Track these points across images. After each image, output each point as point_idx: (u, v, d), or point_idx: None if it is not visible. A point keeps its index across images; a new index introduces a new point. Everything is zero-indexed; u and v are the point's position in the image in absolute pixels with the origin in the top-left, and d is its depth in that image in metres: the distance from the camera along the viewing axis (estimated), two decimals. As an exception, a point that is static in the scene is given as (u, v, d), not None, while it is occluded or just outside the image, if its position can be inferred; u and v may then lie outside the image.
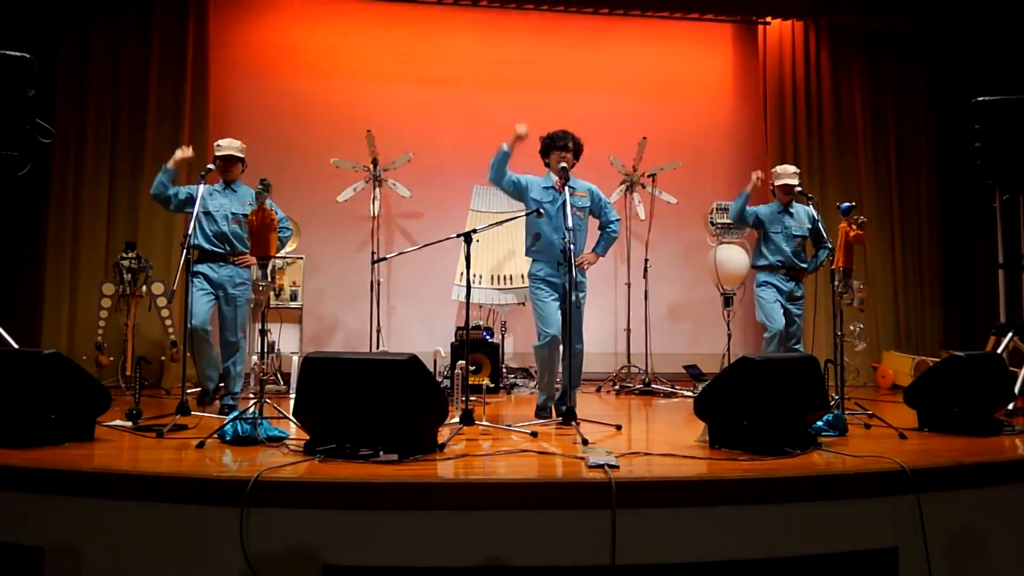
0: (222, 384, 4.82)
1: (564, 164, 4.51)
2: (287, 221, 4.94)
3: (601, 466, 2.99)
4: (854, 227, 4.53)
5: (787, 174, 5.23)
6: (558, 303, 4.55)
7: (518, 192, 4.67)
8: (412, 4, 7.31)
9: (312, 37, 7.27)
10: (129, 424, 4.04)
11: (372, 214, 6.58)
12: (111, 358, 5.90)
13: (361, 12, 7.35)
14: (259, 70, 7.15)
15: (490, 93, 7.42)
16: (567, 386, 4.43)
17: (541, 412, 4.58)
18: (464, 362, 4.39)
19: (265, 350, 4.25)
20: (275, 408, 4.07)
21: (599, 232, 4.81)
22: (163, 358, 6.17)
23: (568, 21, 7.52)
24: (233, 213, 4.77)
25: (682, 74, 7.73)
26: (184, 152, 4.72)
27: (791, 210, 5.26)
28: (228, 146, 4.80)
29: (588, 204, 4.70)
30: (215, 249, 4.72)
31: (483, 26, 7.48)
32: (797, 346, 5.24)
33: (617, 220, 4.83)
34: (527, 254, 4.74)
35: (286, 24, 7.25)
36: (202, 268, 4.68)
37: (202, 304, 4.59)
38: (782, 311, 5.16)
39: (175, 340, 5.97)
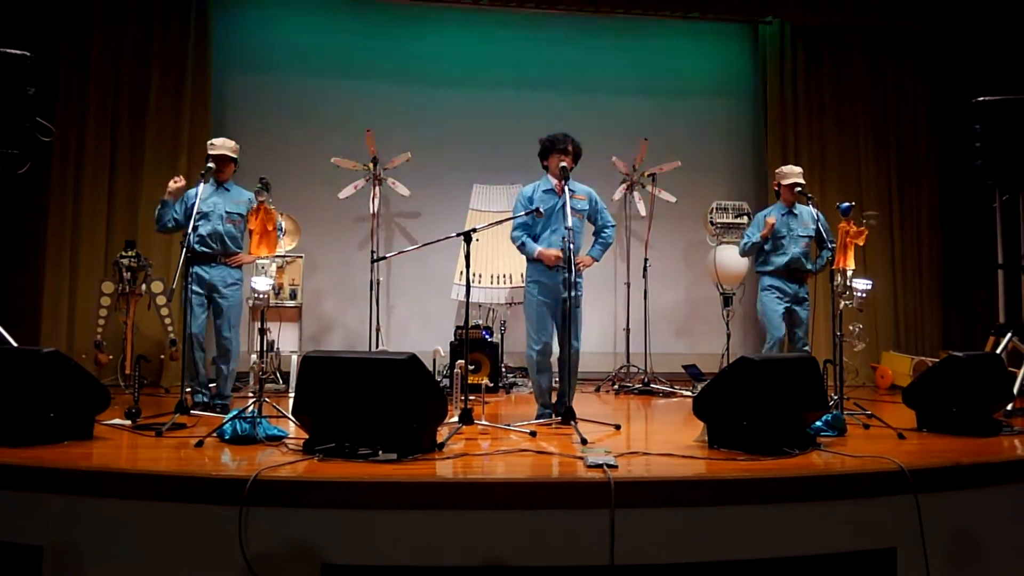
0: (213, 384, 4.82)
1: (564, 165, 4.50)
2: (279, 220, 4.92)
3: (600, 466, 3.00)
4: (854, 226, 4.53)
5: (794, 174, 5.22)
6: (551, 311, 4.53)
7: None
8: (413, 3, 7.31)
9: (313, 36, 7.25)
10: (128, 423, 4.05)
11: (372, 211, 6.58)
12: (110, 356, 5.90)
13: (362, 11, 7.34)
14: (259, 68, 7.14)
15: (489, 93, 7.42)
16: (565, 387, 4.42)
17: (541, 417, 4.57)
18: (463, 361, 4.39)
19: (264, 349, 4.24)
20: (274, 407, 4.08)
21: (594, 237, 4.80)
22: (162, 357, 6.17)
23: (568, 21, 7.51)
24: (227, 212, 4.75)
25: (682, 74, 7.72)
26: (177, 183, 4.68)
27: (795, 211, 5.25)
28: (221, 146, 4.77)
29: (586, 207, 4.68)
30: (206, 250, 4.70)
31: (483, 26, 7.47)
32: (805, 348, 5.22)
33: (613, 226, 4.81)
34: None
35: (286, 22, 7.23)
36: (194, 268, 4.65)
37: (197, 314, 4.60)
38: (783, 317, 5.14)
39: (174, 339, 5.97)
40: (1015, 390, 4.70)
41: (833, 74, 7.45)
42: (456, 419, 3.96)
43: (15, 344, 4.77)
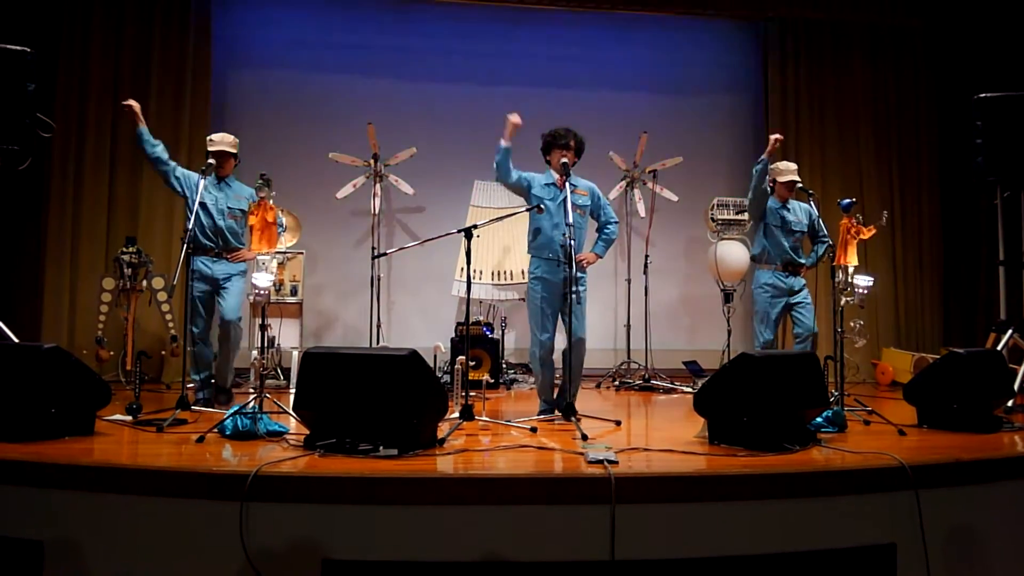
0: (213, 380, 4.83)
1: (565, 160, 4.50)
2: (280, 216, 4.92)
3: (600, 462, 3.00)
4: (855, 223, 4.53)
5: (790, 171, 5.22)
6: (554, 307, 4.54)
7: (522, 189, 4.65)
8: (413, 0, 7.30)
9: (313, 32, 7.25)
10: (129, 418, 4.05)
11: (372, 210, 6.58)
12: (111, 352, 5.90)
13: (362, 7, 7.33)
14: (260, 64, 7.13)
15: (491, 89, 7.40)
16: (567, 382, 4.42)
17: (542, 413, 4.56)
18: (464, 357, 4.39)
19: (265, 345, 4.24)
20: (275, 403, 4.07)
21: (597, 233, 4.80)
22: (163, 352, 6.17)
23: (570, 17, 7.49)
24: (229, 208, 4.75)
25: (683, 70, 7.71)
26: (132, 105, 4.68)
27: (788, 207, 5.26)
28: (220, 141, 4.76)
29: (588, 203, 4.68)
30: (208, 243, 4.71)
31: (484, 22, 7.46)
32: (804, 344, 5.18)
33: (616, 222, 4.80)
34: (528, 250, 4.73)
35: (288, 18, 7.22)
36: (195, 264, 4.65)
37: (198, 321, 4.62)
38: (779, 317, 5.11)
39: (175, 335, 5.97)
40: (1016, 387, 4.70)
41: (834, 70, 7.43)
42: (457, 415, 3.96)
43: (16, 340, 4.78)
